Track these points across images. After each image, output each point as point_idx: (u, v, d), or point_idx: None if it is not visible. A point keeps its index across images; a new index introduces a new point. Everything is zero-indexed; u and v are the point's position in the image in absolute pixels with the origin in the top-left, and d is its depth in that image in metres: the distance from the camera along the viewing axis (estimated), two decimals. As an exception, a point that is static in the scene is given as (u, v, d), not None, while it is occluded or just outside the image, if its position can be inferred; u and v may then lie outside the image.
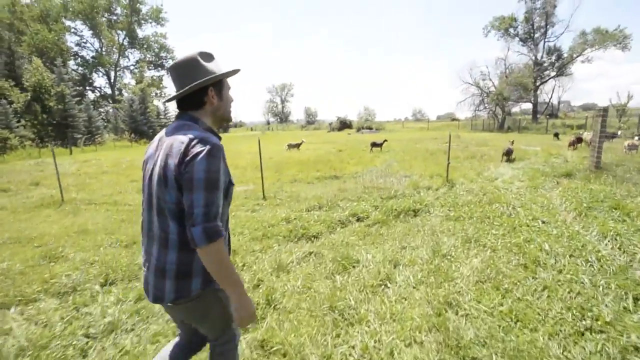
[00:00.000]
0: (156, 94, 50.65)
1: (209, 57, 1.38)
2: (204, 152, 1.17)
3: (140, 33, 49.20)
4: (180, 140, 1.22)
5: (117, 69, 48.91)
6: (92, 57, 45.89)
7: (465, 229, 4.24)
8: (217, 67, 1.37)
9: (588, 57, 38.72)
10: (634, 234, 3.82)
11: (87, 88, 46.83)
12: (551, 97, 44.80)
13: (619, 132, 20.13)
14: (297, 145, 18.22)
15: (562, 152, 11.64)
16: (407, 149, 15.59)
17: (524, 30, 41.46)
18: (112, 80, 47.93)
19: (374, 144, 16.09)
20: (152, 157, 1.33)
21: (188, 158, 1.17)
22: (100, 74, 48.07)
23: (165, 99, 1.60)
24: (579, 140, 14.38)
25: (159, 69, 51.77)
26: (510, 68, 40.36)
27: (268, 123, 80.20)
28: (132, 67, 49.81)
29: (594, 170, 7.00)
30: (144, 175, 1.36)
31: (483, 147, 15.28)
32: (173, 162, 1.19)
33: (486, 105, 38.41)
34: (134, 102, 34.52)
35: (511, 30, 41.64)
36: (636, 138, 14.95)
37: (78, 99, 29.46)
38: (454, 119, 52.83)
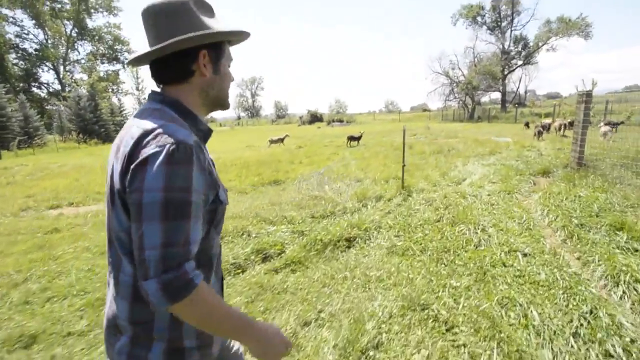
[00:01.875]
0: (112, 89, 47.08)
1: (206, 8, 0.86)
2: (162, 155, 0.69)
3: (90, 23, 45.25)
4: (132, 134, 0.75)
5: (66, 63, 44.82)
6: (36, 50, 41.69)
7: (413, 278, 2.79)
8: (217, 23, 0.86)
9: (553, 45, 39.05)
10: (659, 277, 2.51)
11: (33, 84, 42.66)
12: (519, 86, 45.03)
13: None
14: (281, 140, 16.61)
15: (535, 143, 10.59)
16: (371, 144, 14.24)
17: (491, 19, 41.19)
18: (60, 76, 43.86)
19: (351, 138, 14.73)
20: (111, 158, 0.83)
21: (135, 164, 0.70)
22: (47, 69, 43.78)
23: (128, 61, 0.89)
24: (545, 128, 13.62)
25: (114, 62, 47.94)
26: (478, 57, 40.05)
27: (239, 118, 77.36)
28: (82, 61, 45.80)
29: (576, 167, 5.80)
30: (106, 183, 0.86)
31: (452, 140, 14.16)
32: (117, 169, 0.75)
33: (456, 95, 37.93)
34: (82, 98, 31.40)
35: (479, 18, 41.28)
36: (602, 124, 14.63)
37: (9, 96, 26.23)
38: (425, 110, 52.40)
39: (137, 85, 41.59)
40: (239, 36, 0.93)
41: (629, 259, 2.80)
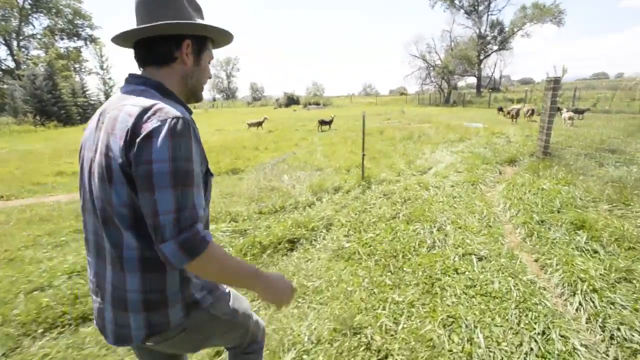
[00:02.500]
0: (74, 68, 43.91)
1: (195, 6, 0.94)
2: (165, 129, 0.75)
3: (46, -6, 41.42)
4: (128, 111, 0.80)
5: (20, 37, 41.19)
6: (-18, 23, 38.00)
7: (352, 291, 2.44)
8: (202, 18, 0.96)
9: (527, 31, 39.46)
10: (613, 287, 2.27)
11: (-19, 61, 39.07)
12: (494, 71, 45.49)
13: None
14: (259, 124, 15.88)
15: (505, 130, 10.50)
16: (343, 128, 13.83)
17: (468, 2, 40.93)
18: (13, 52, 40.37)
19: (322, 122, 14.23)
20: (90, 139, 0.88)
21: (140, 138, 0.75)
22: (-3, 44, 40.14)
23: (113, 36, 0.90)
24: (515, 113, 14.07)
25: (74, 38, 44.39)
26: (455, 41, 39.95)
27: (214, 100, 74.65)
28: (39, 37, 42.11)
29: (542, 156, 5.63)
30: (82, 167, 0.90)
31: (425, 124, 13.95)
32: (118, 143, 0.78)
33: (432, 79, 37.86)
34: (37, 77, 29.05)
35: (457, 1, 40.96)
36: (564, 110, 14.95)
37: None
38: (402, 94, 52.30)
39: (101, 64, 38.85)
40: (225, 36, 0.99)
41: (587, 262, 2.56)
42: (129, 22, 1.02)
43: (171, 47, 0.89)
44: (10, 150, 12.84)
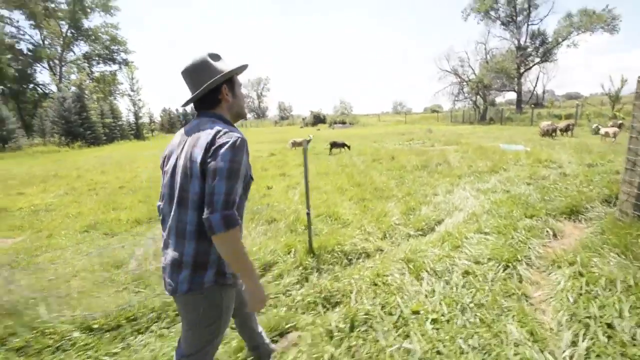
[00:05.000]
0: (109, 90, 45.83)
1: (217, 57, 1.42)
2: (230, 143, 1.22)
3: (87, 23, 43.95)
4: (208, 132, 1.27)
5: (63, 63, 43.77)
6: (29, 50, 40.68)
7: None
8: (226, 65, 1.42)
9: (574, 41, 35.74)
10: None
11: (27, 86, 41.71)
12: (536, 85, 41.66)
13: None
14: (302, 143, 14.27)
15: (556, 156, 7.97)
16: (354, 151, 11.80)
17: (505, 13, 38.03)
18: (58, 76, 42.83)
19: (334, 144, 12.43)
20: (175, 151, 1.36)
21: (214, 147, 1.22)
22: (40, 69, 42.77)
23: (182, 104, 1.50)
24: (555, 130, 13.31)
25: (110, 63, 46.53)
26: (491, 53, 36.97)
27: (245, 119, 75.61)
28: (79, 62, 44.46)
29: (633, 213, 3.27)
30: (166, 170, 1.38)
31: (451, 147, 11.61)
32: (199, 152, 1.23)
33: (465, 94, 34.97)
34: (66, 99, 29.93)
35: (492, 12, 38.22)
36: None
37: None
38: (434, 111, 49.36)
39: (131, 86, 40.02)
40: (241, 70, 1.49)
41: None
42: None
43: (215, 96, 1.39)
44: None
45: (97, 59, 45.50)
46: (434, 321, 2.14)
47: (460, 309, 2.25)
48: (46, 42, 42.95)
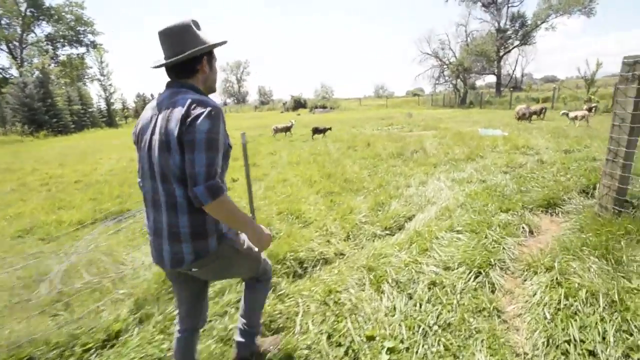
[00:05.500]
0: (78, 76, 43.17)
1: (198, 25, 1.37)
2: (205, 113, 1.19)
3: (48, 1, 40.77)
4: (181, 103, 1.23)
5: (23, 45, 40.79)
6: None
7: None
8: (207, 36, 1.37)
9: (552, 24, 35.88)
10: None
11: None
12: (515, 68, 41.87)
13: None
14: (287, 129, 13.50)
15: (534, 141, 7.77)
16: (332, 137, 11.36)
17: (486, -6, 37.70)
18: (19, 60, 39.93)
19: (316, 130, 12.06)
20: (148, 126, 1.32)
21: (190, 119, 1.19)
22: (-1, 52, 39.78)
23: (155, 65, 1.38)
24: (531, 114, 13.30)
25: (77, 45, 43.68)
26: (471, 36, 36.72)
27: (225, 104, 73.28)
28: (42, 44, 41.49)
29: (613, 208, 3.00)
30: (141, 147, 1.34)
31: (429, 132, 11.33)
32: (174, 125, 1.20)
33: (446, 78, 34.80)
34: (27, 85, 27.96)
35: (473, -7, 37.77)
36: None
37: None
38: (415, 94, 49.16)
39: (101, 71, 37.84)
40: (223, 44, 1.43)
41: None
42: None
43: (194, 65, 1.34)
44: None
45: (61, 40, 42.55)
46: (390, 351, 1.80)
47: (423, 333, 1.91)
48: (3, 22, 39.79)
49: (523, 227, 3.32)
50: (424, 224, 3.52)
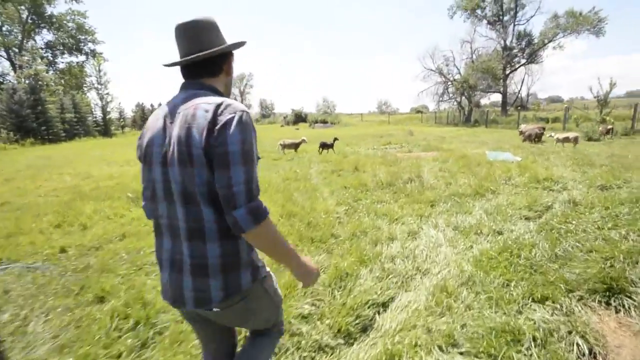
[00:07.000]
0: (77, 84, 42.61)
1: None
2: (235, 119, 0.95)
3: (50, 10, 40.48)
4: (204, 108, 0.98)
5: (22, 53, 40.36)
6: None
7: None
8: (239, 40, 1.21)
9: (559, 43, 34.92)
10: None
11: (-17, 76, 38.29)
12: (521, 87, 40.67)
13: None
14: (296, 146, 11.98)
15: (557, 170, 6.33)
16: (316, 159, 9.98)
17: (492, 12, 36.92)
18: (18, 66, 39.44)
19: (323, 145, 11.31)
20: (160, 137, 1.04)
21: (218, 127, 0.94)
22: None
23: (173, 62, 1.12)
24: (541, 135, 12.49)
25: (77, 53, 43.18)
26: (477, 53, 35.75)
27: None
28: (40, 50, 41.01)
29: None
30: (150, 162, 1.06)
31: (430, 153, 9.92)
32: (199, 134, 0.95)
33: (450, 95, 33.66)
34: (17, 91, 27.14)
35: (479, 11, 37.05)
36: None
37: None
38: (419, 111, 48.06)
39: (98, 79, 37.15)
40: (244, 44, 1.23)
41: None
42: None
43: (220, 64, 1.13)
44: None
45: (61, 48, 42.10)
46: None
47: None
48: (4, 29, 39.54)
49: (576, 344, 1.89)
50: (404, 323, 2.09)
